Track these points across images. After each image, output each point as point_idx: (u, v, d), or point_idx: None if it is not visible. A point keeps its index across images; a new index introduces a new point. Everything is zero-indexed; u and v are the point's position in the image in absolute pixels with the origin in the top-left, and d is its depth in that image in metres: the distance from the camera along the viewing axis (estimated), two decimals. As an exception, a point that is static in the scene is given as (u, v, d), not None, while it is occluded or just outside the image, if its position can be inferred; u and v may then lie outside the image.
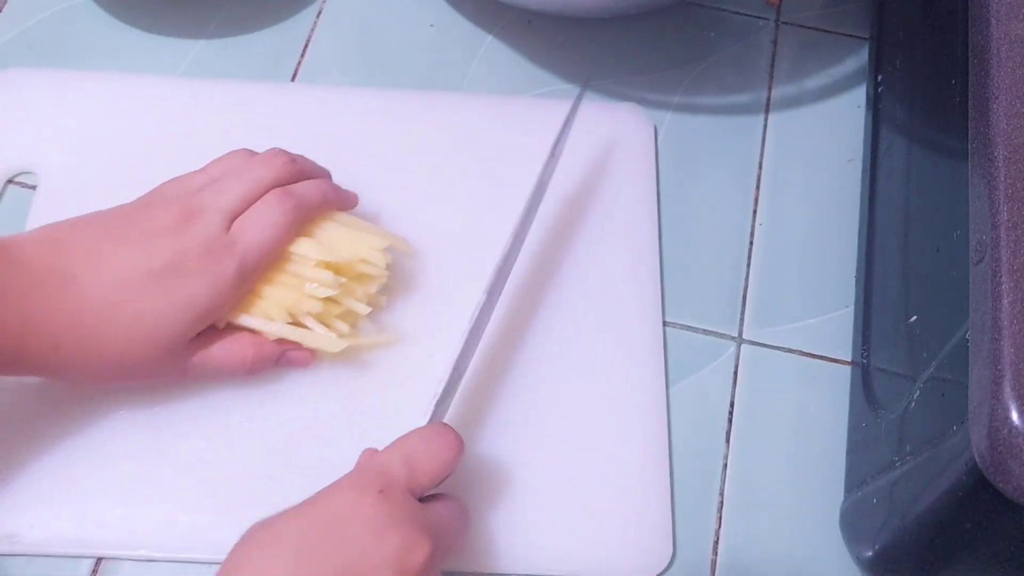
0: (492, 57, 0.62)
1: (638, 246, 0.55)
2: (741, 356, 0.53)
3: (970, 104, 0.40)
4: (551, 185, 0.57)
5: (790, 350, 0.54)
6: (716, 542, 0.49)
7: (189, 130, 0.56)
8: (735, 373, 0.53)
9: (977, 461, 0.35)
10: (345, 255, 0.48)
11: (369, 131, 0.57)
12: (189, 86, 0.58)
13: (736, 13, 0.64)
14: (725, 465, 0.51)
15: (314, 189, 0.48)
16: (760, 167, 0.59)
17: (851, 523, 0.48)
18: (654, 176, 0.58)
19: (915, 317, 0.47)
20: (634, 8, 0.60)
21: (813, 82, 0.62)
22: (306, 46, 0.62)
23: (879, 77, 0.60)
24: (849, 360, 0.53)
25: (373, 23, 0.63)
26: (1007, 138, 0.38)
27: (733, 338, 0.54)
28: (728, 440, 0.51)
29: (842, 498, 0.49)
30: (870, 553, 0.46)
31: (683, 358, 0.53)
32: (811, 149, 0.60)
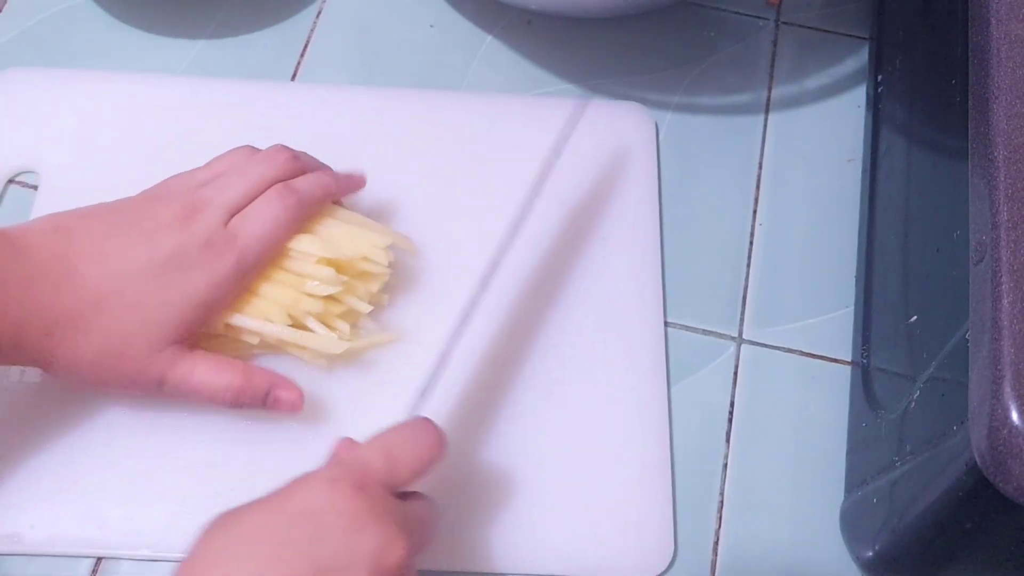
0: (492, 57, 0.62)
1: (640, 245, 0.55)
2: (741, 356, 0.53)
3: (970, 104, 0.40)
4: (551, 184, 0.57)
5: (790, 350, 0.54)
6: (716, 542, 0.49)
7: (190, 129, 0.56)
8: (735, 373, 0.53)
9: (977, 461, 0.35)
10: (347, 252, 0.48)
11: (369, 130, 0.57)
12: (189, 85, 0.58)
13: (736, 13, 0.64)
14: (725, 465, 0.51)
15: (315, 183, 0.48)
16: (760, 167, 0.59)
17: (851, 523, 0.48)
18: (656, 175, 0.58)
19: (915, 317, 0.47)
20: (634, 8, 0.60)
21: (813, 82, 0.62)
22: (306, 46, 0.62)
23: (879, 77, 0.60)
24: (849, 360, 0.53)
25: (373, 23, 0.63)
26: (1007, 138, 0.38)
27: (733, 338, 0.54)
28: (728, 440, 0.51)
29: (842, 498, 0.49)
30: (870, 553, 0.46)
31: (683, 358, 0.53)
32: (811, 149, 0.60)
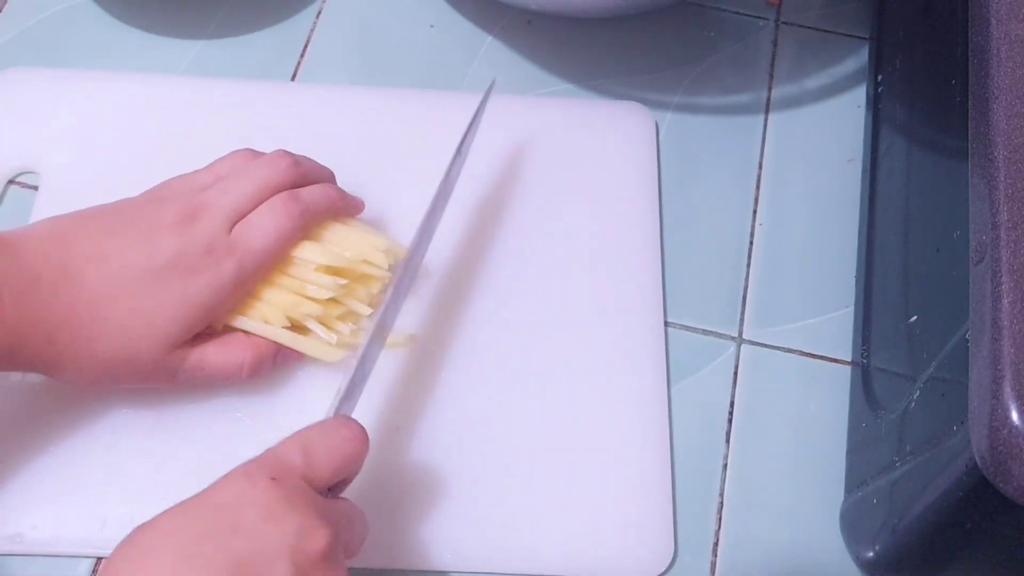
0: (492, 57, 0.62)
1: (640, 245, 0.55)
2: (741, 356, 0.53)
3: (970, 104, 0.40)
4: (553, 183, 0.57)
5: (790, 350, 0.54)
6: (716, 543, 0.49)
7: (190, 129, 0.56)
8: (735, 373, 0.53)
9: (977, 461, 0.35)
10: (347, 255, 0.48)
11: (369, 130, 0.57)
12: (189, 85, 0.58)
13: (736, 13, 0.64)
14: (725, 465, 0.51)
15: (321, 195, 0.48)
16: (760, 167, 0.59)
17: (851, 523, 0.48)
18: (656, 175, 0.58)
19: (915, 317, 0.47)
20: (634, 8, 0.60)
21: (813, 82, 0.62)
22: (306, 46, 0.62)
23: (879, 77, 0.60)
24: (849, 360, 0.53)
25: (373, 23, 0.63)
26: (1007, 138, 0.38)
27: (733, 338, 0.54)
28: (728, 440, 0.51)
29: (842, 498, 0.49)
30: (870, 553, 0.46)
31: (683, 358, 0.53)
32: (811, 149, 0.60)
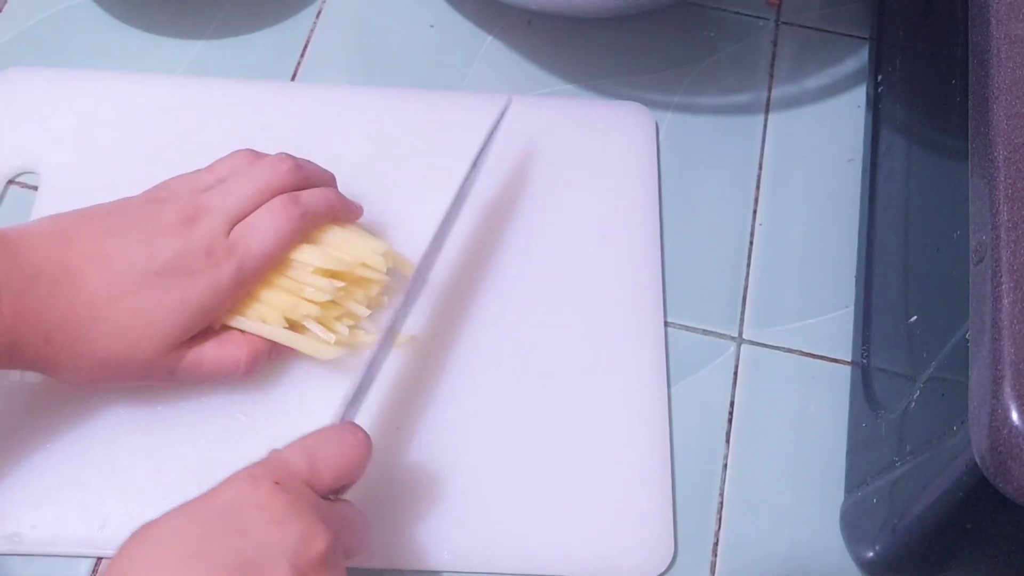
0: (492, 57, 0.62)
1: (640, 245, 0.55)
2: (741, 356, 0.53)
3: (970, 104, 0.40)
4: (553, 183, 0.57)
5: (790, 350, 0.54)
6: (716, 542, 0.49)
7: (190, 129, 0.56)
8: (735, 373, 0.53)
9: (977, 461, 0.35)
10: (346, 259, 0.48)
11: (369, 130, 0.57)
12: (189, 85, 0.58)
13: (736, 13, 0.64)
14: (725, 465, 0.51)
15: (321, 199, 0.48)
16: (760, 167, 0.59)
17: (851, 523, 0.48)
18: (656, 175, 0.58)
19: (915, 317, 0.47)
20: (634, 8, 0.60)
21: (813, 82, 0.62)
22: (306, 46, 0.62)
23: (879, 77, 0.60)
24: (849, 360, 0.53)
25: (373, 23, 0.63)
26: (1007, 138, 0.38)
27: (733, 338, 0.54)
28: (728, 440, 0.51)
29: (842, 498, 0.49)
30: (870, 553, 0.46)
31: (683, 358, 0.53)
32: (811, 149, 0.60)
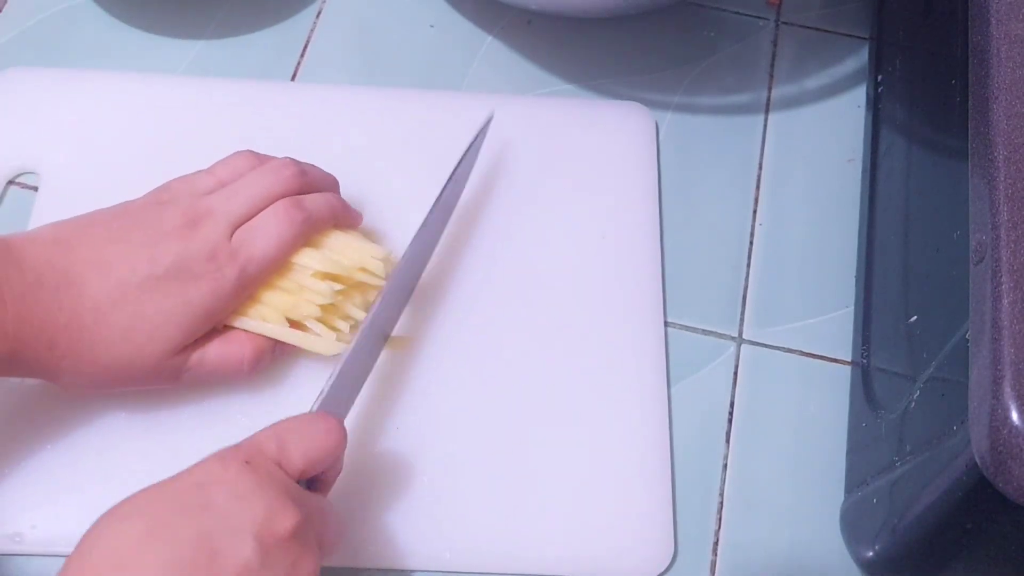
0: (492, 57, 0.62)
1: (640, 245, 0.55)
2: (741, 356, 0.53)
3: (970, 104, 0.40)
4: (553, 183, 0.57)
5: (790, 350, 0.54)
6: (716, 542, 0.49)
7: (190, 129, 0.56)
8: (735, 373, 0.53)
9: (977, 461, 0.35)
10: (345, 263, 0.48)
11: (369, 130, 0.57)
12: (189, 85, 0.58)
13: (736, 13, 0.64)
14: (725, 465, 0.51)
15: (324, 204, 0.48)
16: (760, 167, 0.59)
17: (851, 523, 0.48)
18: (656, 175, 0.58)
19: (915, 317, 0.47)
20: (634, 8, 0.60)
21: (813, 82, 0.62)
22: (306, 46, 0.62)
23: (879, 77, 0.60)
24: (849, 360, 0.53)
25: (373, 23, 0.63)
26: (1007, 138, 0.38)
27: (733, 338, 0.54)
28: (728, 440, 0.51)
29: (842, 498, 0.49)
30: (870, 553, 0.46)
31: (683, 358, 0.53)
32: (811, 149, 0.60)
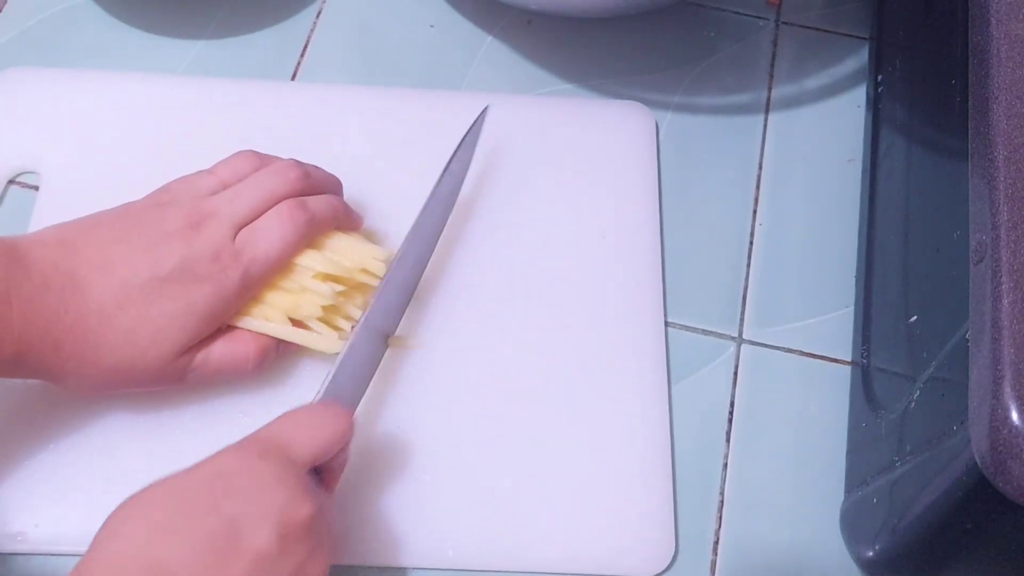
0: (492, 57, 0.62)
1: (640, 245, 0.55)
2: (741, 356, 0.53)
3: (970, 104, 0.40)
4: (553, 182, 0.57)
5: (790, 350, 0.54)
6: (716, 542, 0.49)
7: (190, 129, 0.56)
8: (735, 373, 0.53)
9: (977, 461, 0.35)
10: (346, 264, 0.48)
11: (369, 130, 0.57)
12: (190, 85, 0.58)
13: (736, 13, 0.64)
14: (725, 465, 0.51)
15: (327, 206, 0.48)
16: (760, 167, 0.59)
17: (851, 523, 0.48)
18: (656, 174, 0.58)
19: (915, 317, 0.47)
20: (634, 8, 0.60)
21: (813, 82, 0.62)
22: (306, 46, 0.62)
23: (879, 77, 0.60)
24: (849, 360, 0.53)
25: (373, 23, 0.63)
26: (1007, 138, 0.38)
27: (733, 338, 0.54)
28: (728, 440, 0.51)
29: (842, 498, 0.49)
30: (870, 553, 0.46)
31: (683, 358, 0.53)
32: (811, 149, 0.60)
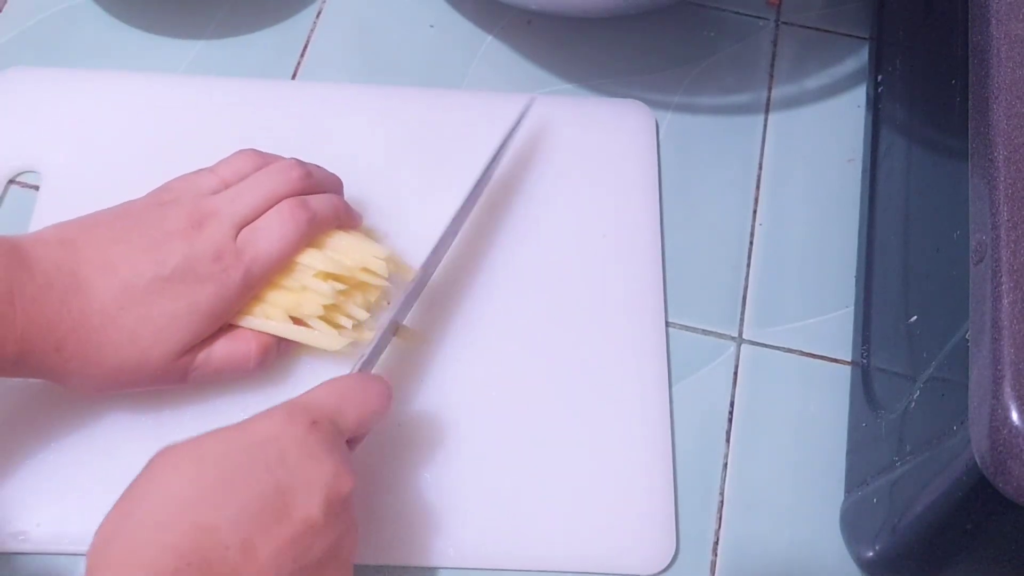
0: (492, 57, 0.62)
1: (640, 245, 0.55)
2: (741, 356, 0.53)
3: (970, 104, 0.40)
4: (553, 181, 0.57)
5: (790, 350, 0.54)
6: (716, 542, 0.49)
7: (190, 129, 0.56)
8: (735, 373, 0.53)
9: (977, 461, 0.35)
10: (347, 263, 0.48)
11: (369, 130, 0.57)
12: (190, 84, 0.58)
13: (736, 13, 0.64)
14: (725, 465, 0.51)
15: (328, 205, 0.48)
16: (760, 167, 0.59)
17: (851, 523, 0.48)
18: (656, 174, 0.58)
19: (915, 317, 0.47)
20: (634, 8, 0.60)
21: (813, 82, 0.62)
22: (306, 46, 0.62)
23: (879, 77, 0.60)
24: (849, 360, 0.53)
25: (373, 23, 0.63)
26: (1007, 138, 0.38)
27: (733, 338, 0.54)
28: (728, 440, 0.51)
29: (842, 498, 0.49)
30: (870, 553, 0.46)
31: (683, 358, 0.53)
32: (811, 149, 0.60)
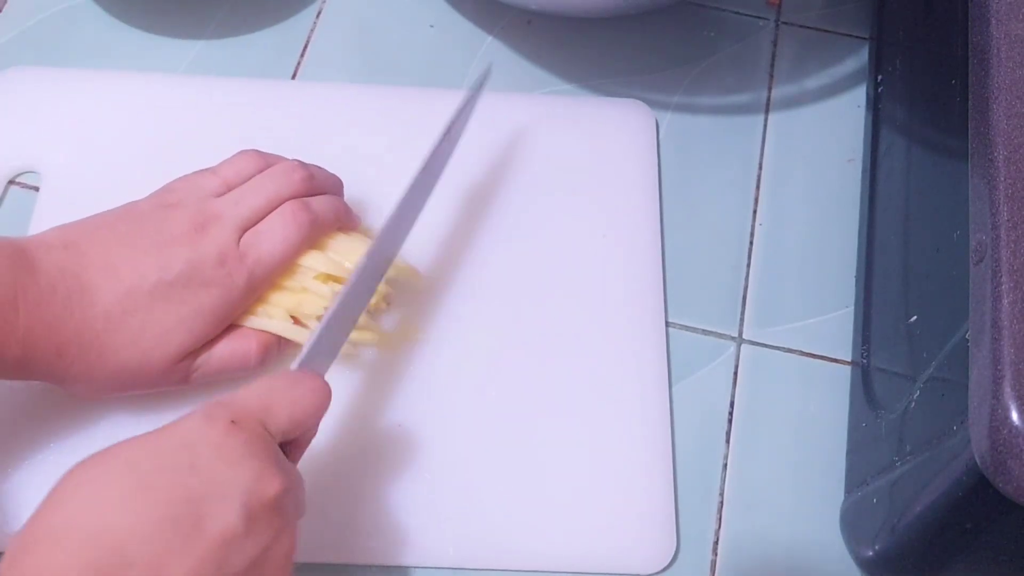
0: (492, 57, 0.62)
1: (640, 245, 0.55)
2: (741, 356, 0.53)
3: (970, 104, 0.40)
4: (553, 181, 0.57)
5: (790, 350, 0.54)
6: (716, 542, 0.49)
7: (190, 129, 0.56)
8: (735, 373, 0.53)
9: (977, 461, 0.35)
10: (347, 265, 0.48)
11: (369, 130, 0.57)
12: (190, 84, 0.58)
13: (736, 13, 0.64)
14: (725, 465, 0.51)
15: (330, 207, 0.48)
16: (760, 167, 0.59)
17: (851, 523, 0.48)
18: (656, 173, 0.58)
19: (915, 317, 0.47)
20: (634, 8, 0.60)
21: (813, 82, 0.62)
22: (306, 46, 0.62)
23: (879, 77, 0.60)
24: (849, 360, 0.53)
25: (373, 23, 0.63)
26: (1007, 138, 0.38)
27: (733, 338, 0.54)
28: (728, 440, 0.51)
29: (842, 498, 0.49)
30: (870, 553, 0.46)
31: (683, 358, 0.53)
32: (811, 149, 0.60)
